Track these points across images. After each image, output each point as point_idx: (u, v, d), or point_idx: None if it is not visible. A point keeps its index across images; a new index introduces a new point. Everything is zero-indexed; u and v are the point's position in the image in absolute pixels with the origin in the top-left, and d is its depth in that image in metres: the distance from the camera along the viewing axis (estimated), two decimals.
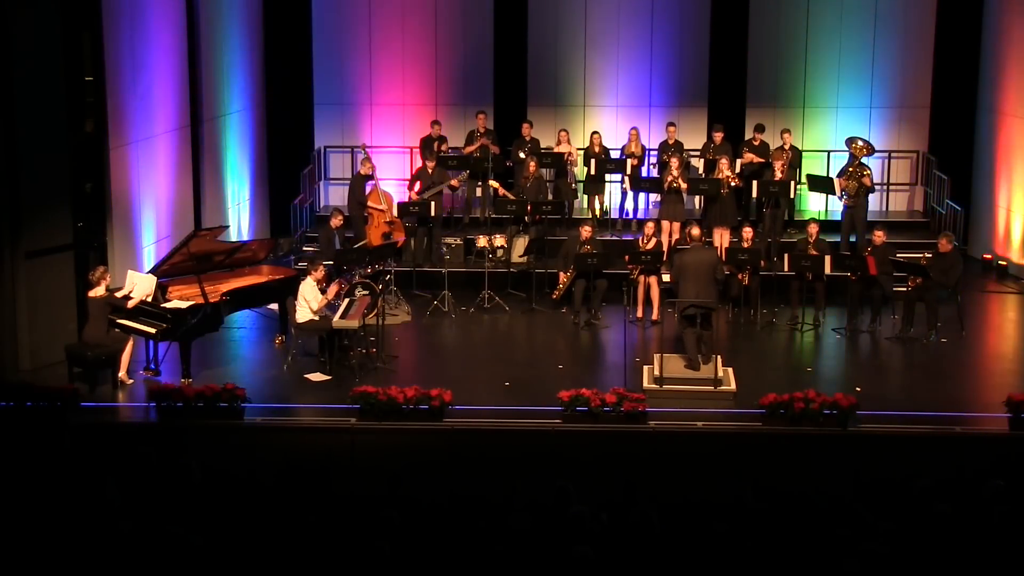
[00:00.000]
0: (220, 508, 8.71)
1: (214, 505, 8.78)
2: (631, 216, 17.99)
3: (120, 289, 12.84)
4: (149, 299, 12.68)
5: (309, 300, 13.08)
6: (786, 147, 17.36)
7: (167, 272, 13.06)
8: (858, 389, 12.46)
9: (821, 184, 17.43)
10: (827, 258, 14.83)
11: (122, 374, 12.73)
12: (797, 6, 19.11)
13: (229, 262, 13.83)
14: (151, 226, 15.17)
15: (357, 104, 19.60)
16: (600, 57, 19.34)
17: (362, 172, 16.83)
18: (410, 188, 17.08)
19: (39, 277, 13.07)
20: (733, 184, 16.47)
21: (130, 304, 12.61)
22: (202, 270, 13.24)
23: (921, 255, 14.97)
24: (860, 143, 16.95)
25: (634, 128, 18.02)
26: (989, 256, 17.78)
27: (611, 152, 18.07)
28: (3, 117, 12.66)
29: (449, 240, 17.02)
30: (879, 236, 14.82)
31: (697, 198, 17.72)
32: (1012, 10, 17.59)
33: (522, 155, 17.48)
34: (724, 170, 16.43)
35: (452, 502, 9.02)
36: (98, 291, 12.58)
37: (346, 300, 13.57)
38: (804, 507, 8.98)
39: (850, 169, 16.77)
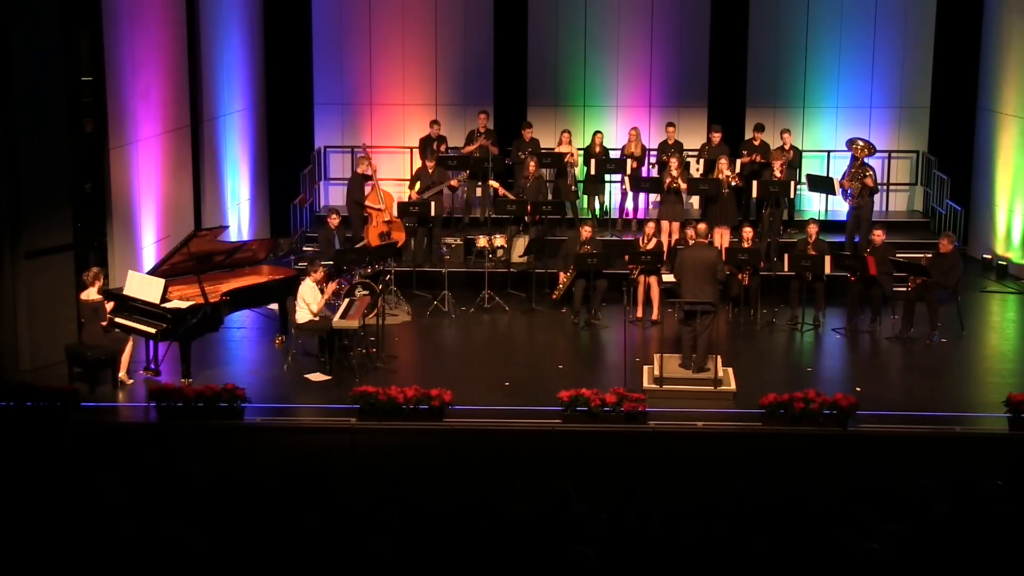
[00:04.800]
0: (220, 508, 8.70)
1: (214, 505, 8.77)
2: (631, 216, 18.00)
3: (120, 289, 12.84)
4: (156, 301, 12.67)
5: (308, 302, 13.08)
6: (786, 147, 17.36)
7: (167, 272, 13.04)
8: (858, 389, 12.46)
9: (821, 184, 17.43)
10: (827, 258, 14.84)
11: (122, 374, 12.73)
12: (797, 6, 19.10)
13: (229, 262, 13.82)
14: (151, 226, 15.17)
15: (357, 104, 19.60)
16: (600, 57, 19.33)
17: (359, 172, 16.83)
18: (410, 188, 17.08)
19: (39, 277, 13.06)
20: (733, 184, 16.47)
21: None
22: (202, 270, 13.23)
23: (921, 255, 14.98)
24: (861, 143, 16.94)
25: (634, 128, 18.01)
26: (989, 256, 17.79)
27: (611, 152, 18.07)
28: (3, 117, 12.65)
29: (449, 240, 17.02)
30: (878, 236, 14.82)
31: (697, 198, 17.71)
32: (1012, 10, 17.58)
33: (521, 155, 17.47)
34: (724, 170, 16.43)
35: (452, 502, 9.01)
36: (90, 293, 12.57)
37: (346, 300, 13.56)
38: (804, 507, 8.97)
39: (852, 170, 16.78)
